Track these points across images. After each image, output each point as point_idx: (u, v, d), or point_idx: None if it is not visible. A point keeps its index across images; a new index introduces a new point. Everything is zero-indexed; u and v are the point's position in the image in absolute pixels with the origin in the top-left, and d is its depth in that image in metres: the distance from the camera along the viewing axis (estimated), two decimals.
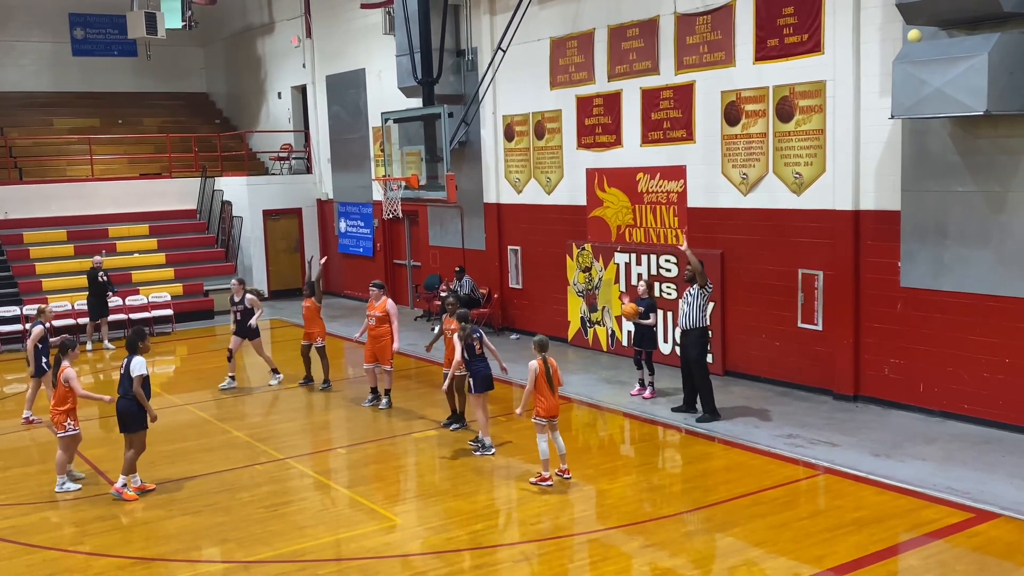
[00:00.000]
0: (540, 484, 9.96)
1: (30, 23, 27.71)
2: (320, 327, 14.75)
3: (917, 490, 9.49)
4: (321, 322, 14.80)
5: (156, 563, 8.48)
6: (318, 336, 14.68)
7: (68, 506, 10.00)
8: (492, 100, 18.31)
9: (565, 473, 10.14)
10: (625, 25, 15.41)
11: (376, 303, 13.42)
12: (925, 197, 11.70)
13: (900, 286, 12.07)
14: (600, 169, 16.24)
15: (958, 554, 8.12)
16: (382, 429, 12.57)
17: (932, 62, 10.57)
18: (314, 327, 14.68)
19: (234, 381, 15.04)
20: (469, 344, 11.29)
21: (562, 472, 10.13)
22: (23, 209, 22.28)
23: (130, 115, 28.01)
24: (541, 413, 9.92)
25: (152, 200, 24.05)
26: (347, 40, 23.00)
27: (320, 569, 8.21)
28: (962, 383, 11.57)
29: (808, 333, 13.18)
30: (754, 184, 13.69)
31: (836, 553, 8.14)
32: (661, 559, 8.21)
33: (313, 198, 25.22)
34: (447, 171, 16.44)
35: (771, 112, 13.29)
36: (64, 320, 19.37)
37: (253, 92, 28.17)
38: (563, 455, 10.15)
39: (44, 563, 8.55)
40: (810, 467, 10.44)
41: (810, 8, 12.63)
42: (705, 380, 12.27)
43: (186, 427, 13.01)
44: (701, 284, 12.07)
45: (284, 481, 10.64)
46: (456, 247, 19.93)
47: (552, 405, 9.92)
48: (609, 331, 16.34)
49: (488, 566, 8.19)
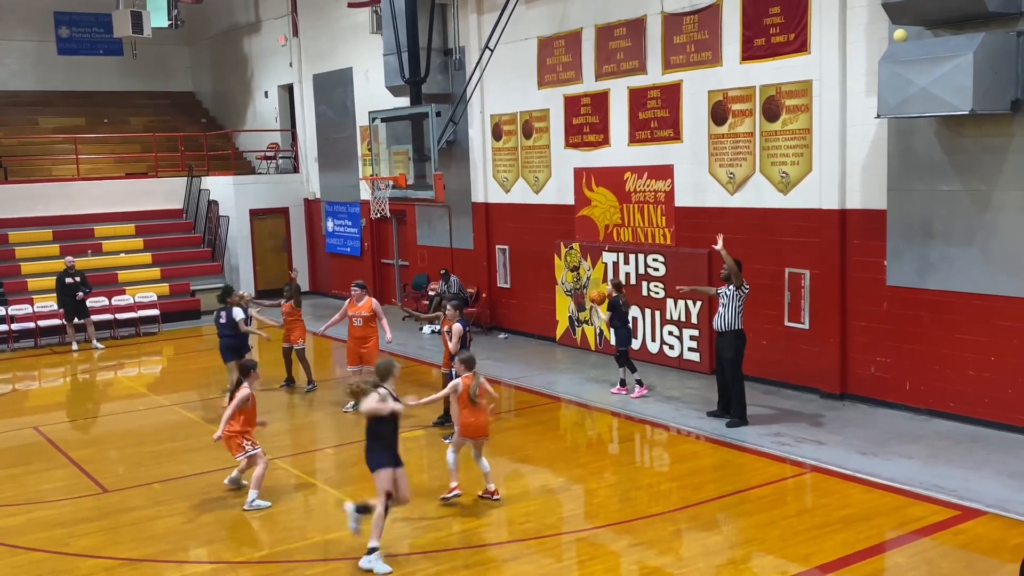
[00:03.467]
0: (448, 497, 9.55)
1: (14, 22, 27.53)
2: (300, 330, 14.68)
3: (903, 488, 9.53)
4: (301, 325, 14.74)
5: (144, 564, 8.45)
6: (298, 339, 14.62)
7: (54, 508, 9.94)
8: (480, 99, 18.31)
9: (493, 495, 9.59)
10: (612, 24, 15.42)
11: (359, 303, 13.27)
12: (911, 196, 11.75)
13: (886, 285, 12.12)
14: (588, 168, 16.26)
15: (944, 551, 8.17)
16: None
17: (918, 62, 10.62)
18: (294, 330, 14.63)
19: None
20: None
21: (489, 493, 9.60)
22: (8, 209, 22.14)
23: (116, 114, 27.87)
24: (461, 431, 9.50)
25: (138, 200, 23.94)
26: (334, 39, 22.95)
27: (308, 569, 8.20)
28: (948, 381, 11.62)
29: (795, 332, 13.23)
30: (741, 183, 13.73)
31: (823, 551, 8.17)
32: (649, 558, 8.23)
33: (300, 197, 25.17)
34: (435, 170, 16.44)
35: (758, 111, 13.32)
36: (50, 320, 19.30)
37: (240, 91, 28.09)
38: (486, 474, 9.61)
39: (31, 564, 8.51)
40: (797, 465, 10.47)
41: (796, 8, 12.67)
42: (738, 384, 11.95)
43: (173, 428, 12.96)
44: (737, 285, 11.75)
45: (271, 481, 10.60)
46: (444, 246, 19.92)
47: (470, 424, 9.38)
48: (597, 330, 16.36)
49: (477, 565, 8.19)
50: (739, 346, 11.91)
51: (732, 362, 11.92)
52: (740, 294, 11.78)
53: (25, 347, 19.08)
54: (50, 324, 19.33)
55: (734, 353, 11.89)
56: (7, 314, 19.26)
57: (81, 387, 15.88)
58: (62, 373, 17.22)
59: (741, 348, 11.93)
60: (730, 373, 11.99)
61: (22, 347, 19.08)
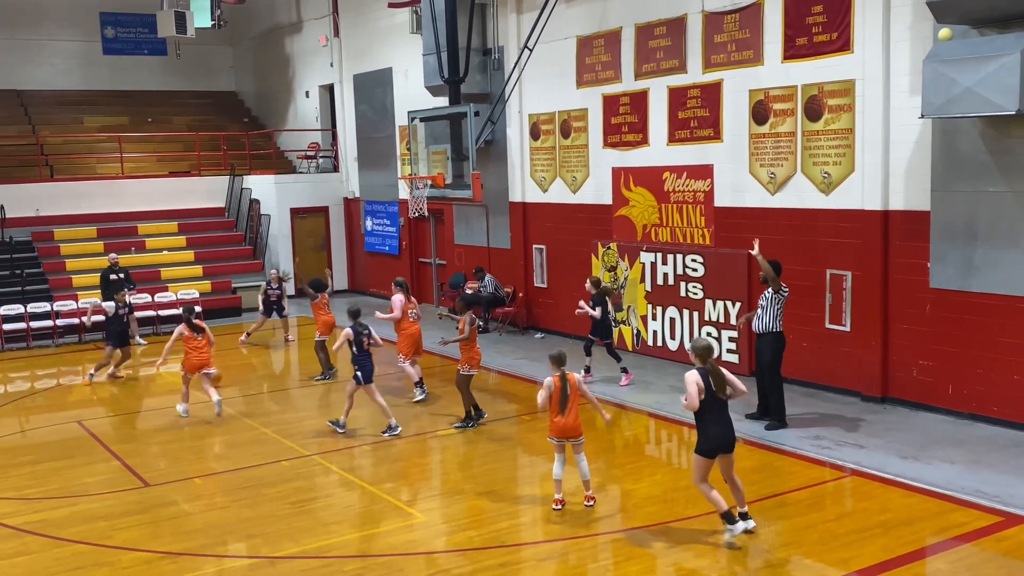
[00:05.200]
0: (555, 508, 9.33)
1: (61, 22, 28.00)
2: (321, 323, 15.55)
3: (945, 493, 9.41)
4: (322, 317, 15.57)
5: (183, 557, 8.56)
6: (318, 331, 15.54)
7: (97, 501, 10.10)
8: (518, 99, 18.31)
9: (588, 500, 9.39)
10: (652, 23, 15.36)
11: (411, 299, 14.07)
12: (955, 197, 11.59)
13: (929, 287, 11.97)
14: (626, 168, 16.21)
15: (986, 558, 8.04)
16: (407, 427, 12.59)
17: (963, 61, 10.47)
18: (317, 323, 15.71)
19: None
20: (359, 340, 11.91)
21: (586, 499, 9.40)
22: (54, 206, 22.55)
23: (159, 113, 28.25)
24: (552, 432, 9.33)
25: (181, 198, 24.27)
26: (374, 39, 23.08)
27: (345, 565, 8.25)
28: (991, 385, 11.45)
29: (836, 334, 13.10)
30: (782, 183, 13.61)
31: (862, 556, 8.08)
32: (686, 560, 8.19)
33: (340, 196, 25.34)
34: (473, 170, 16.47)
35: (799, 111, 13.21)
36: (94, 316, 19.55)
37: (281, 91, 28.33)
38: (586, 481, 9.41)
39: (74, 556, 8.64)
40: (837, 469, 10.37)
41: (839, 6, 12.54)
42: (776, 386, 11.84)
43: (214, 423, 13.11)
44: (775, 289, 11.65)
45: (310, 478, 10.70)
46: (481, 246, 19.95)
47: (564, 425, 9.19)
48: (635, 330, 16.30)
49: (512, 564, 8.20)
50: (778, 348, 11.80)
51: (770, 365, 11.82)
52: (779, 298, 11.68)
53: (69, 342, 19.40)
54: (95, 320, 19.57)
55: (772, 356, 11.79)
56: (52, 310, 19.60)
57: (123, 382, 16.10)
58: (105, 368, 17.44)
59: (780, 351, 11.82)
60: (768, 376, 11.89)
61: (66, 343, 19.40)
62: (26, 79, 27.61)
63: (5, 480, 10.92)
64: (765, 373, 11.92)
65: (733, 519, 8.34)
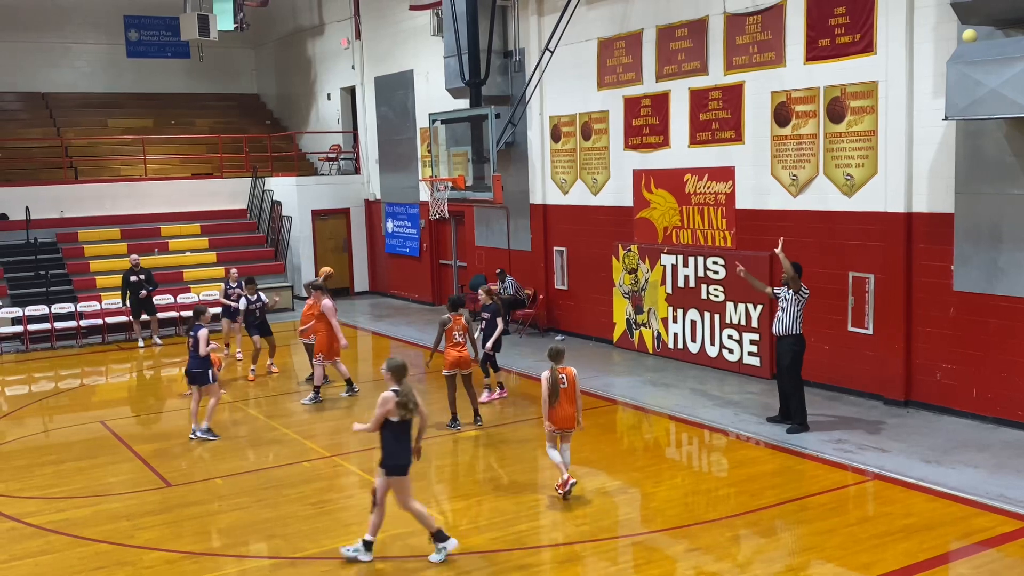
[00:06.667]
0: (561, 490, 9.62)
1: (85, 25, 28.27)
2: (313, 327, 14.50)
3: (969, 497, 9.33)
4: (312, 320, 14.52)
5: (205, 557, 8.61)
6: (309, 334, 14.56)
7: (120, 500, 10.17)
8: (539, 101, 18.32)
9: (561, 487, 9.62)
10: (674, 25, 15.33)
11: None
12: (979, 199, 11.50)
13: (953, 290, 11.88)
14: (647, 170, 16.17)
15: (1011, 563, 7.97)
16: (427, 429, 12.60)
17: (987, 62, 10.39)
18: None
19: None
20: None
21: (559, 485, 9.66)
22: (78, 208, 22.75)
23: (182, 116, 28.45)
24: (547, 421, 9.63)
25: (203, 200, 24.42)
26: (395, 42, 23.15)
27: (365, 566, 8.27)
28: (1016, 389, 11.34)
29: (858, 337, 13.01)
30: (804, 186, 13.55)
31: (884, 560, 8.02)
32: (706, 563, 8.15)
33: (361, 198, 25.42)
34: (493, 172, 16.48)
35: (822, 113, 13.14)
36: (117, 317, 19.74)
37: (303, 93, 28.46)
38: (565, 465, 9.67)
39: (96, 555, 8.71)
40: (859, 473, 10.30)
41: (862, 8, 12.47)
42: (796, 389, 11.76)
43: (235, 424, 13.18)
44: (795, 289, 11.56)
45: (331, 479, 10.74)
46: (502, 248, 19.97)
47: (555, 416, 9.53)
48: (655, 333, 16.26)
49: (532, 567, 8.19)
50: (798, 351, 11.73)
51: (789, 367, 11.75)
52: (799, 299, 11.61)
53: (93, 343, 19.56)
54: (117, 321, 19.78)
55: (792, 358, 11.72)
56: (76, 311, 19.77)
57: (147, 383, 16.22)
58: (128, 369, 17.60)
59: (800, 353, 11.75)
60: (788, 378, 11.82)
61: (90, 343, 19.56)
62: (51, 82, 27.91)
63: (29, 479, 11.02)
64: (785, 376, 11.86)
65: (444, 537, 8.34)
